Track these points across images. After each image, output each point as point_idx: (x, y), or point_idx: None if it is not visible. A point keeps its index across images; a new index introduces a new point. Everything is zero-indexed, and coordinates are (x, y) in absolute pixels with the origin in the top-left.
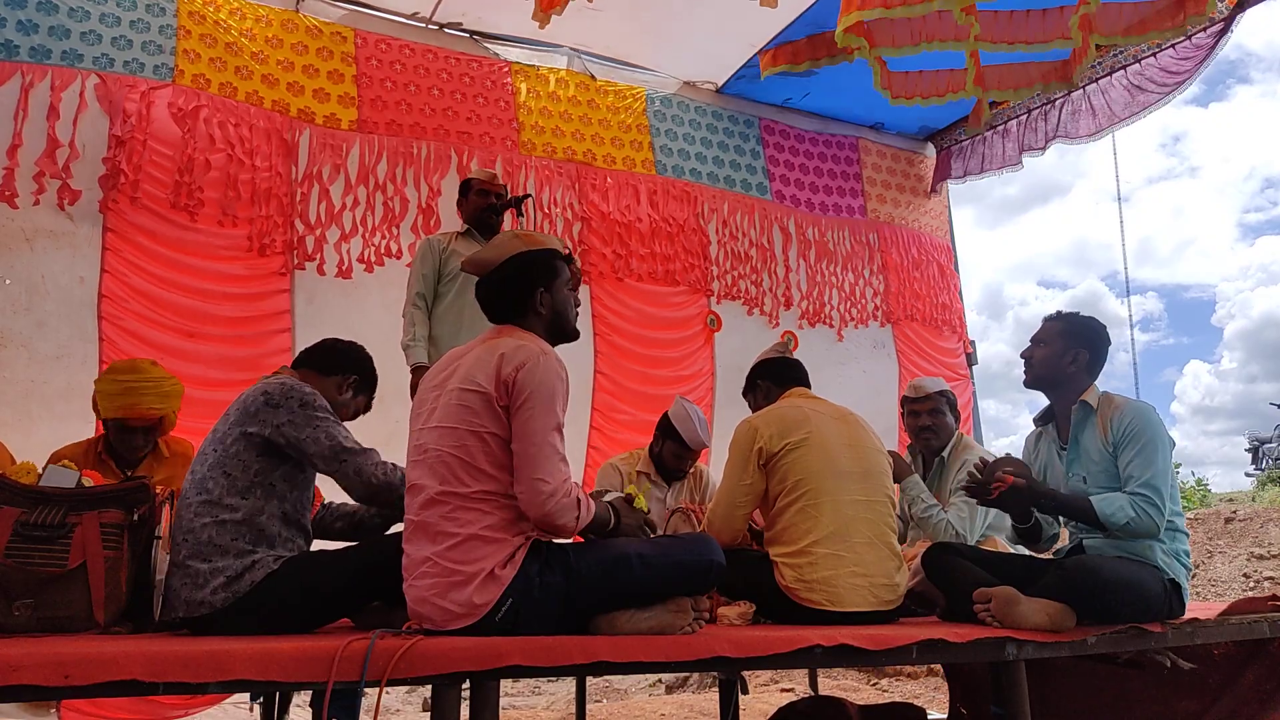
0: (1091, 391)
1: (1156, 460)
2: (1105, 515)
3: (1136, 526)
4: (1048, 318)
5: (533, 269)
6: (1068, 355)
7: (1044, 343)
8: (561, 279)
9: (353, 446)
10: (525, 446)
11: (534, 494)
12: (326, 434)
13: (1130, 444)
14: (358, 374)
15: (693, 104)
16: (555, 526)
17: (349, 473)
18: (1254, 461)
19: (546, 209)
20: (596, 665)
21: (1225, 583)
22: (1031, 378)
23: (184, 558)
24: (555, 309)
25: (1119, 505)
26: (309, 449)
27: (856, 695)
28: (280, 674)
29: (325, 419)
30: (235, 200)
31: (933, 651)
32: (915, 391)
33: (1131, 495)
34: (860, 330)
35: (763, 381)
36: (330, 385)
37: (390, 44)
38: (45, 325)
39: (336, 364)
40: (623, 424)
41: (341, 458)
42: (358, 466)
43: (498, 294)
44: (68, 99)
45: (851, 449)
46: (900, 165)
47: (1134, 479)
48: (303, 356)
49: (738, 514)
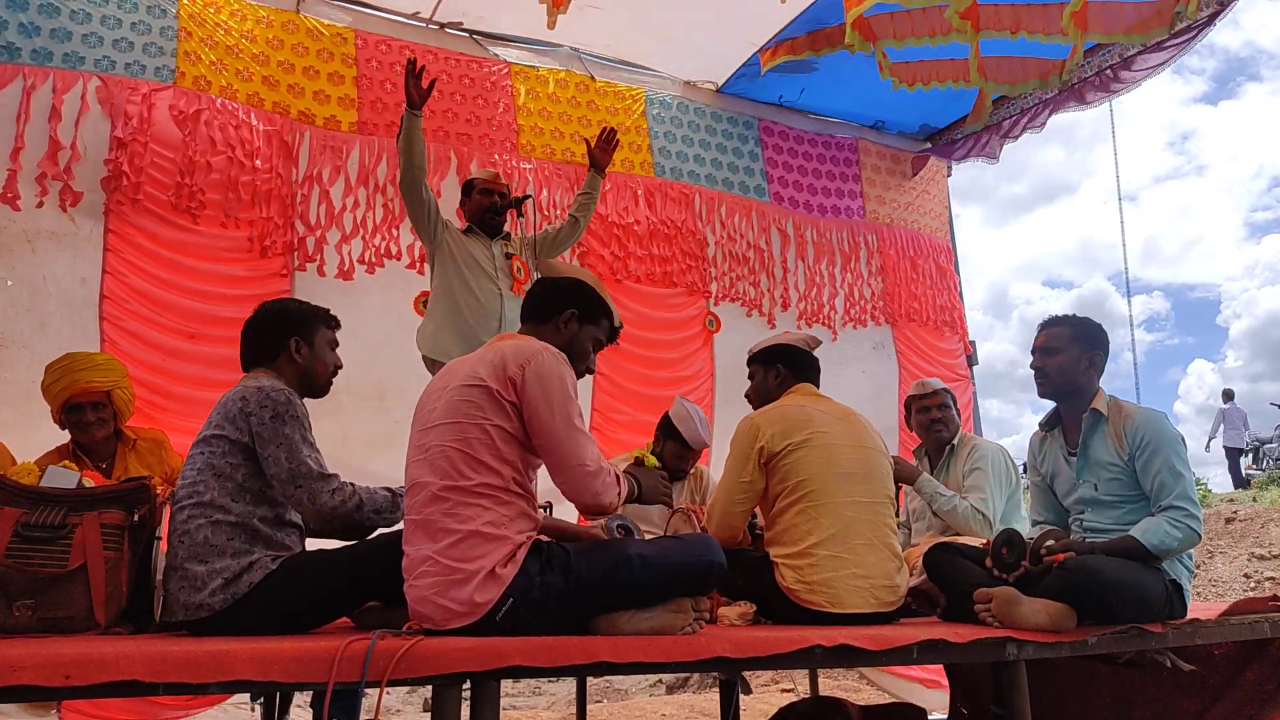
0: (1100, 398)
1: (1181, 471)
2: (1155, 547)
3: (1184, 545)
4: (1050, 323)
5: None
6: (1083, 360)
7: (1057, 350)
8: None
9: (310, 471)
10: (552, 439)
11: (579, 478)
12: (288, 454)
13: (1152, 457)
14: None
15: (691, 105)
16: (603, 505)
17: (302, 499)
18: (1254, 462)
19: (546, 210)
20: (597, 665)
21: (1226, 583)
22: (1050, 389)
23: (181, 560)
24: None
25: (1163, 532)
26: (269, 469)
27: (857, 695)
28: (281, 674)
29: (291, 435)
30: (236, 202)
31: (933, 651)
32: (921, 389)
33: (1168, 512)
34: (860, 331)
35: (783, 366)
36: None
37: (391, 45)
38: (47, 326)
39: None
40: (623, 424)
41: (297, 483)
42: (312, 493)
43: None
44: (69, 101)
45: (854, 450)
46: (900, 166)
47: (1166, 494)
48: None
49: (735, 510)
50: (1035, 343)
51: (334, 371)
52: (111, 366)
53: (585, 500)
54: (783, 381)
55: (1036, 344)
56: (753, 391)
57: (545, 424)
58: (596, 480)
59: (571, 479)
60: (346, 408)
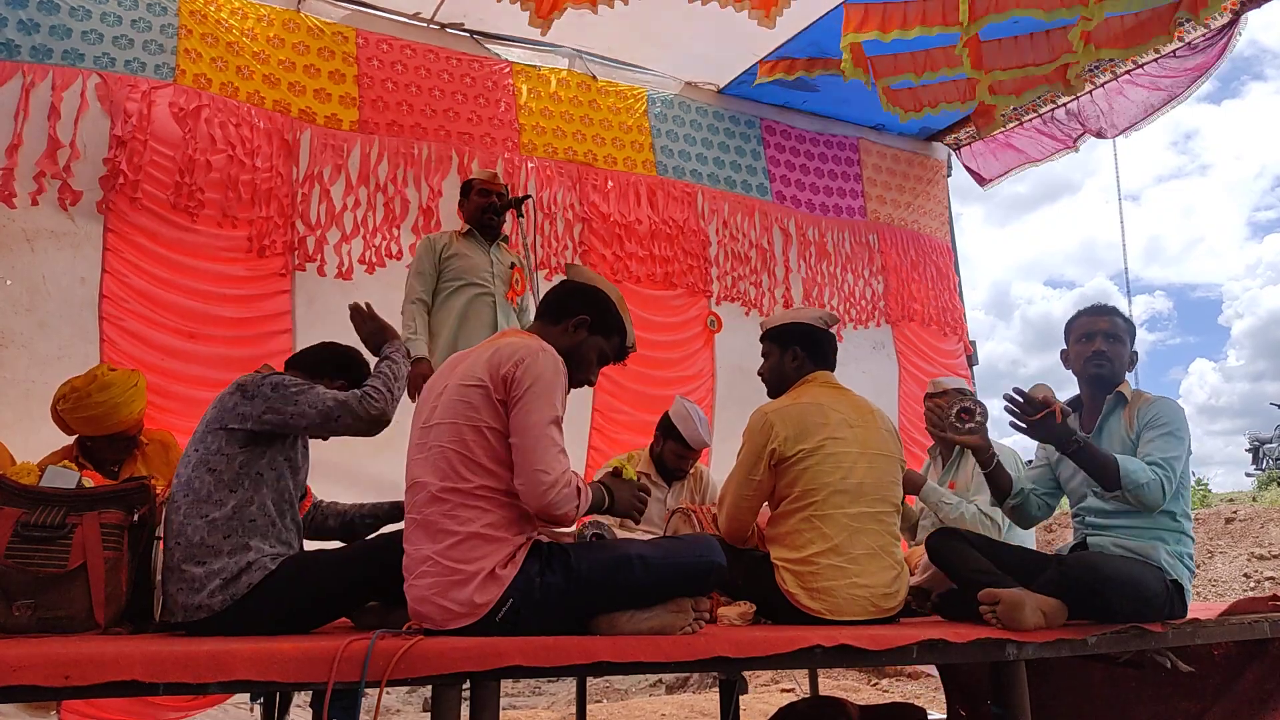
0: (1126, 385)
1: (1177, 447)
2: (1127, 471)
3: (1149, 492)
4: (1110, 311)
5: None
6: (1130, 353)
7: (1119, 340)
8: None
9: (337, 402)
10: (524, 439)
11: (535, 485)
12: (309, 403)
13: (1154, 430)
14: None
15: (694, 105)
16: (556, 516)
17: (348, 422)
18: (1254, 462)
19: (548, 209)
20: (597, 665)
21: (1226, 583)
22: (1110, 374)
23: (177, 561)
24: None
25: (1139, 466)
26: (299, 424)
27: (857, 695)
28: (280, 674)
29: (301, 390)
30: (236, 201)
31: (933, 651)
32: (935, 388)
33: (1152, 465)
34: (860, 331)
35: (801, 350)
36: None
37: (392, 44)
38: (46, 326)
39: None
40: (623, 425)
41: (333, 416)
42: (352, 414)
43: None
44: (69, 99)
45: (865, 458)
46: (901, 166)
47: (1154, 453)
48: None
49: (745, 508)
50: (1097, 326)
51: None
52: (140, 387)
53: (538, 507)
54: (800, 365)
55: (1099, 328)
56: (766, 371)
57: (522, 422)
58: (554, 490)
59: (529, 483)
60: None
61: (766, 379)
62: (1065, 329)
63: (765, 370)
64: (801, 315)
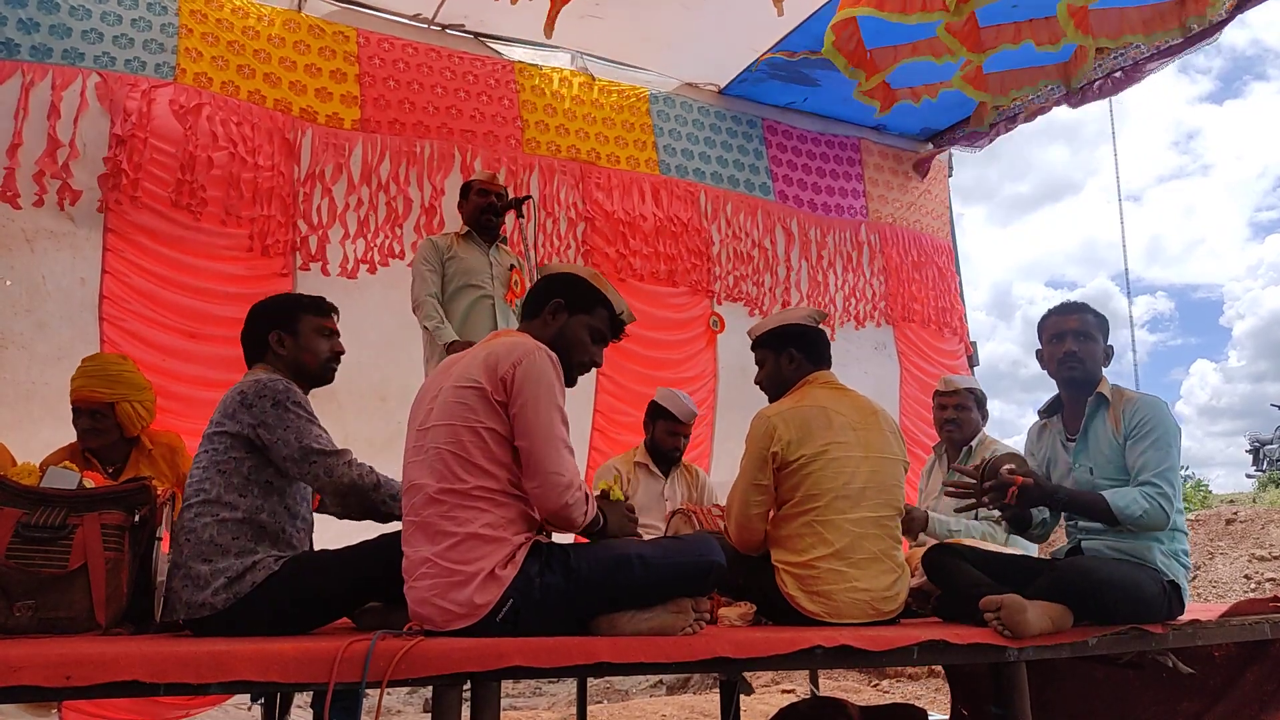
0: (1105, 383)
1: (1170, 454)
2: (1119, 509)
3: (1149, 519)
4: (1079, 309)
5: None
6: (1104, 348)
7: (1090, 337)
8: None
9: (322, 448)
10: (534, 442)
11: (551, 487)
12: (296, 435)
13: (1143, 436)
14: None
15: (696, 104)
16: (569, 519)
17: (319, 474)
18: (1255, 463)
19: (550, 208)
20: (597, 666)
21: (1226, 584)
22: (1082, 373)
23: (185, 558)
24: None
25: (1132, 498)
26: (280, 451)
27: (857, 696)
28: (281, 675)
29: (297, 418)
30: (237, 200)
31: (933, 652)
32: (945, 386)
33: (1143, 487)
34: (861, 331)
35: (796, 352)
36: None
37: (393, 43)
38: (46, 326)
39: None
40: (625, 425)
41: (310, 459)
42: (327, 468)
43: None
44: (69, 98)
45: (868, 462)
46: (902, 166)
47: (1147, 470)
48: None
49: (752, 514)
50: (1066, 325)
51: (332, 357)
52: (123, 379)
53: (554, 508)
54: (798, 367)
55: (1068, 327)
56: (764, 379)
57: (528, 425)
58: (569, 492)
59: (544, 484)
60: (348, 408)
61: (765, 386)
62: (1038, 329)
63: (762, 377)
64: (790, 316)
